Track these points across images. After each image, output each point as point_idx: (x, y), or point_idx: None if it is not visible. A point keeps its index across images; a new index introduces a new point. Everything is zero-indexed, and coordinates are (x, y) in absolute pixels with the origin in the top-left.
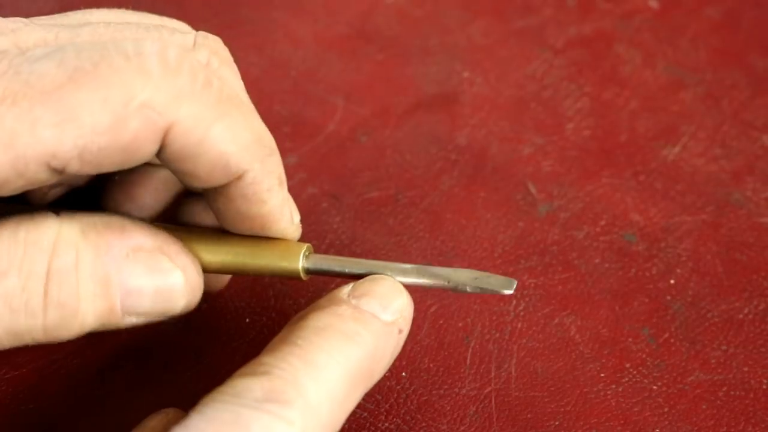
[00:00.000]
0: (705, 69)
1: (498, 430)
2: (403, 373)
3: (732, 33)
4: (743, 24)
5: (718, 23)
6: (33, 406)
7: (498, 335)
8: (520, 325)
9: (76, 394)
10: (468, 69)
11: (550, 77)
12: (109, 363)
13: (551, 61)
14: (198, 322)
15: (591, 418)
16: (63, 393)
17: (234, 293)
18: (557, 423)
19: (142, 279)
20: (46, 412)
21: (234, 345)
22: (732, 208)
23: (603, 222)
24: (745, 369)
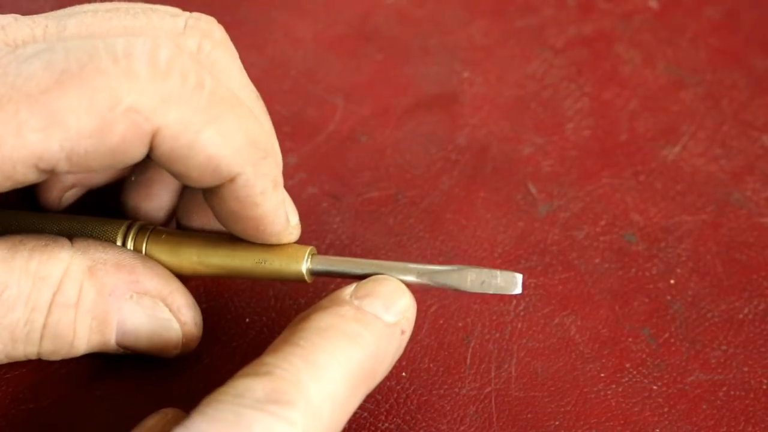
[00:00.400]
0: (705, 69)
1: (498, 430)
2: (403, 373)
3: (732, 33)
4: (743, 24)
5: (718, 23)
6: (33, 406)
7: (498, 335)
8: (520, 325)
9: (76, 394)
10: (468, 69)
11: (550, 77)
12: (109, 363)
13: (551, 61)
14: None
15: (591, 418)
16: (63, 393)
17: (234, 293)
18: (557, 423)
19: (139, 323)
20: (46, 412)
21: (234, 345)
22: (732, 208)
23: (603, 222)
24: (745, 369)
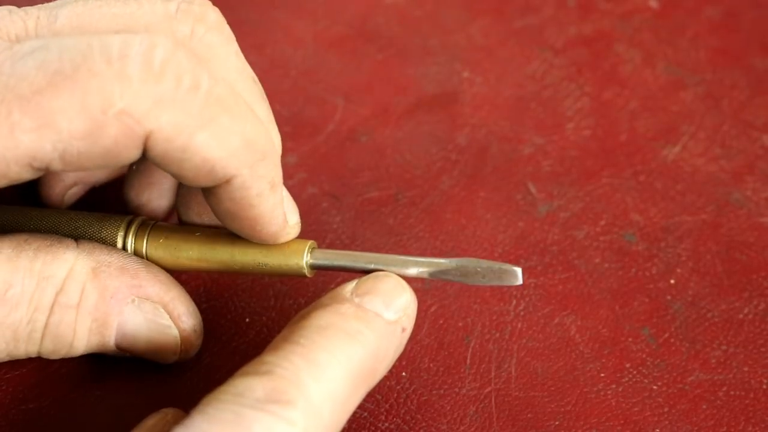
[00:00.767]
0: (705, 69)
1: (498, 430)
2: (403, 373)
3: (732, 33)
4: (743, 24)
5: (718, 23)
6: (33, 406)
7: (498, 335)
8: (520, 325)
9: (76, 394)
10: (468, 69)
11: (550, 77)
12: (109, 363)
13: (551, 61)
14: None
15: (591, 418)
16: (63, 393)
17: (234, 293)
18: (557, 423)
19: (139, 327)
20: (46, 412)
21: (234, 345)
22: (732, 208)
23: (603, 222)
24: (745, 369)
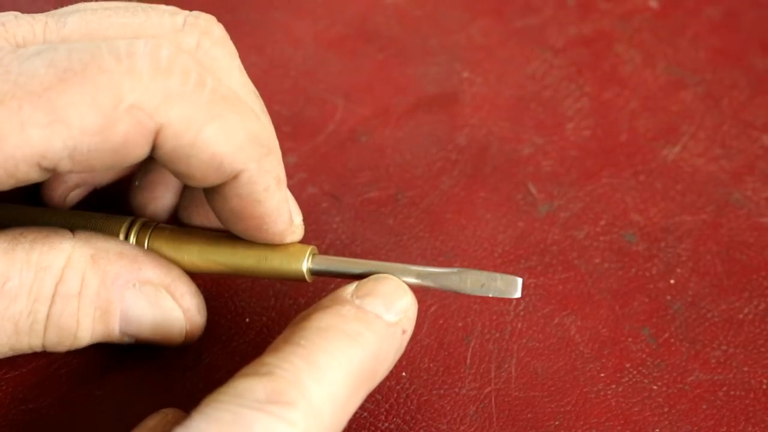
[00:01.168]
0: (705, 69)
1: (498, 430)
2: (403, 373)
3: (732, 33)
4: (743, 24)
5: (718, 23)
6: (33, 406)
7: (498, 335)
8: (520, 325)
9: (76, 394)
10: (468, 69)
11: (550, 77)
12: (109, 363)
13: (551, 61)
14: None
15: (591, 418)
16: (63, 393)
17: (234, 293)
18: (557, 423)
19: (142, 312)
20: (46, 412)
21: (234, 345)
22: (732, 208)
23: (603, 222)
24: (745, 369)
